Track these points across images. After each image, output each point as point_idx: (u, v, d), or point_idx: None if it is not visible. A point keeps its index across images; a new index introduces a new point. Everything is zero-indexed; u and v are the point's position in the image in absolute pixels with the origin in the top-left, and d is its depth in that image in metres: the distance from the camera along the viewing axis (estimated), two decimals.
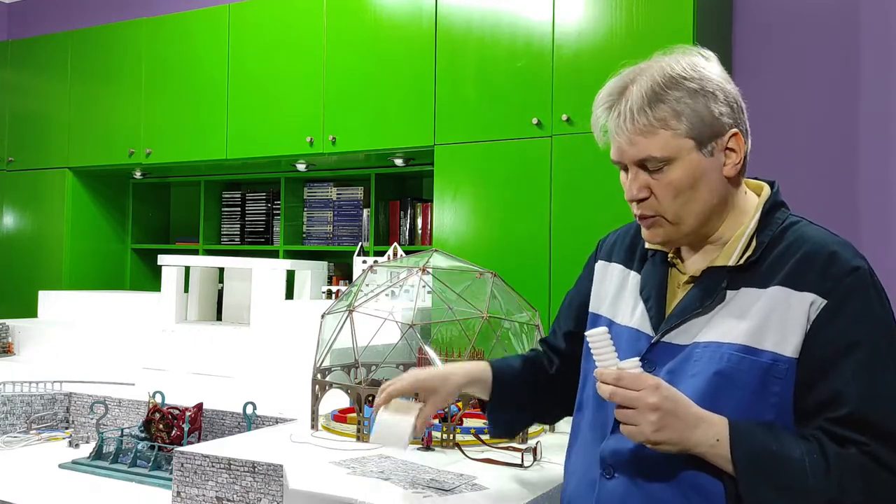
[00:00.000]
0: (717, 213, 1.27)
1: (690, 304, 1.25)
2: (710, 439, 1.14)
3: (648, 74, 1.23)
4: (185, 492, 1.60)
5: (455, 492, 1.47)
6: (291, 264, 3.49)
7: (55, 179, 4.49)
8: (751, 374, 1.17)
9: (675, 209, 1.24)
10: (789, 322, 1.17)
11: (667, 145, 1.21)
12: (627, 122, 1.22)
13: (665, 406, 1.13)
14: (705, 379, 1.19)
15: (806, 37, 3.32)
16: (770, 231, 1.25)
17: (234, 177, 4.45)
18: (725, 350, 1.19)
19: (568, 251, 3.07)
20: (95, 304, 3.62)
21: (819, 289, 1.17)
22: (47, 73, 4.56)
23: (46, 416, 2.42)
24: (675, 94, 1.21)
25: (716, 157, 1.24)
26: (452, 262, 2.18)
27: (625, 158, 1.26)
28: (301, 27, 3.76)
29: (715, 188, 1.25)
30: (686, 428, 1.14)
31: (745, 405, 1.17)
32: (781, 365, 1.17)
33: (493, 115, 3.26)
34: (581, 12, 3.09)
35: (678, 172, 1.22)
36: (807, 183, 3.28)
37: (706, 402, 1.17)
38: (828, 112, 3.27)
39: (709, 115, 1.21)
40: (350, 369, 2.12)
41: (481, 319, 1.95)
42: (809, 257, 1.20)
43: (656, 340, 1.27)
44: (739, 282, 1.23)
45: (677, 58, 1.25)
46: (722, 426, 1.15)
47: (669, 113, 1.20)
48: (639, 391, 1.13)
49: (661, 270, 1.33)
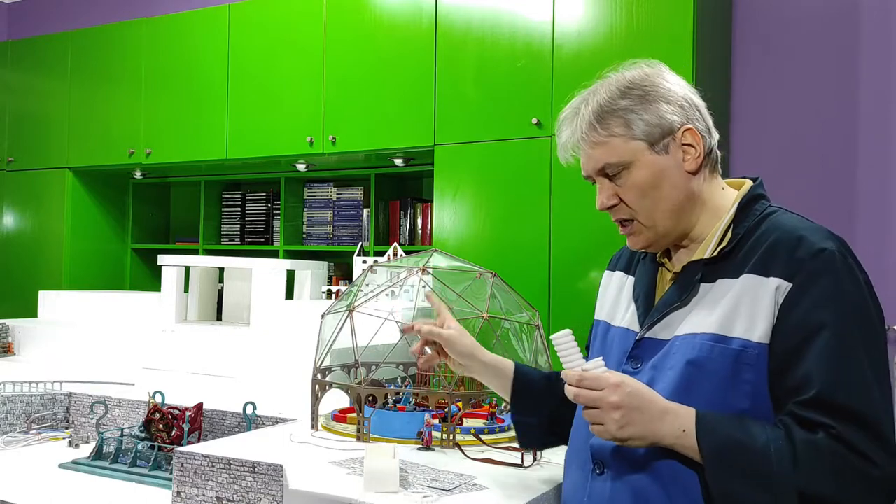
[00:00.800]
0: (688, 209, 1.31)
1: (669, 298, 1.29)
2: (676, 431, 1.16)
3: (596, 93, 1.32)
4: (185, 492, 1.60)
5: (455, 492, 1.47)
6: (291, 264, 3.49)
7: (55, 179, 4.49)
8: (721, 361, 1.20)
9: (645, 210, 1.29)
10: (757, 308, 1.19)
11: (618, 150, 1.28)
12: (581, 140, 1.31)
13: (627, 403, 1.15)
14: (679, 370, 1.23)
15: (806, 37, 3.32)
16: (746, 223, 1.28)
17: (234, 177, 4.45)
18: (699, 340, 1.22)
19: (568, 251, 3.07)
20: (95, 304, 3.62)
21: (784, 273, 1.19)
22: (47, 73, 4.56)
23: (46, 416, 2.42)
24: (621, 104, 1.28)
25: (672, 154, 1.29)
26: (452, 262, 2.18)
27: (588, 171, 1.33)
28: (301, 27, 3.76)
29: (678, 184, 1.29)
30: (651, 421, 1.16)
31: (718, 393, 1.19)
32: (751, 351, 1.19)
33: (493, 114, 3.26)
34: (581, 12, 3.09)
35: (638, 174, 1.28)
36: (806, 182, 3.28)
37: (681, 393, 1.20)
38: (827, 112, 3.27)
39: (655, 117, 1.28)
40: (350, 369, 2.12)
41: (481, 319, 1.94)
42: (778, 243, 1.22)
43: (641, 336, 1.31)
44: (716, 273, 1.26)
45: (623, 73, 1.34)
46: (688, 417, 1.17)
47: (617, 122, 1.28)
48: (601, 391, 1.16)
49: (650, 270, 1.38)
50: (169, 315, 3.30)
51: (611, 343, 1.39)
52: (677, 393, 1.21)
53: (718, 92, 3.31)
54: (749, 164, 3.35)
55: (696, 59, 2.88)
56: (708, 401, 1.19)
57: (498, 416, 2.02)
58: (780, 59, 3.37)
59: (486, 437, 1.87)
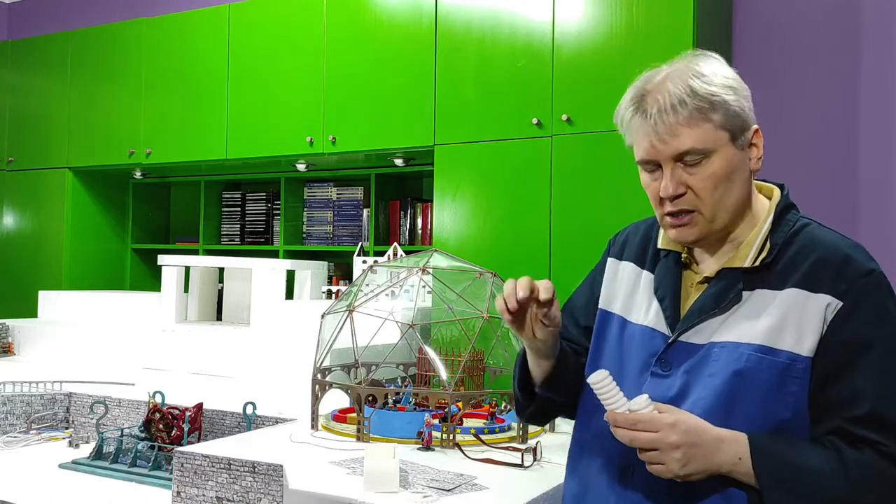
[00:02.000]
0: (742, 209, 1.29)
1: (707, 303, 1.27)
2: (732, 458, 1.18)
3: (680, 73, 1.25)
4: (185, 492, 1.60)
5: (455, 492, 1.47)
6: (291, 264, 3.49)
7: (55, 179, 4.49)
8: (769, 373, 1.20)
9: (714, 202, 1.25)
10: (805, 323, 1.20)
11: (707, 137, 1.23)
12: (669, 115, 1.23)
13: (686, 441, 1.16)
14: (724, 379, 1.22)
15: (806, 36, 3.32)
16: (783, 233, 1.28)
17: (234, 177, 4.45)
18: (744, 350, 1.22)
19: (568, 251, 3.07)
20: (95, 304, 3.63)
21: (834, 291, 1.20)
22: (47, 73, 4.56)
23: (46, 416, 2.42)
24: (710, 89, 1.22)
25: (745, 151, 1.27)
26: (452, 262, 2.19)
27: (661, 155, 1.25)
28: (301, 27, 3.76)
29: (745, 182, 1.28)
30: (710, 454, 1.17)
31: (762, 403, 1.20)
32: (798, 364, 1.20)
33: (493, 114, 3.26)
34: (581, 12, 3.09)
35: (717, 164, 1.23)
36: (807, 183, 3.28)
37: (725, 402, 1.21)
38: (828, 112, 3.27)
39: (741, 110, 1.24)
40: (350, 369, 2.12)
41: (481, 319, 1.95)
42: (824, 260, 1.23)
43: (673, 340, 1.28)
44: (754, 283, 1.26)
45: (699, 60, 1.27)
46: (742, 443, 1.18)
47: (708, 105, 1.22)
48: (658, 432, 1.16)
49: (675, 270, 1.35)
50: (169, 315, 3.30)
51: (630, 341, 1.36)
52: (722, 401, 1.21)
53: None
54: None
55: None
56: (751, 411, 1.20)
57: (498, 416, 2.03)
58: (780, 59, 3.37)
59: (486, 437, 1.87)
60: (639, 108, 1.26)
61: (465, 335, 2.00)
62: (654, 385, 1.28)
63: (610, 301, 1.42)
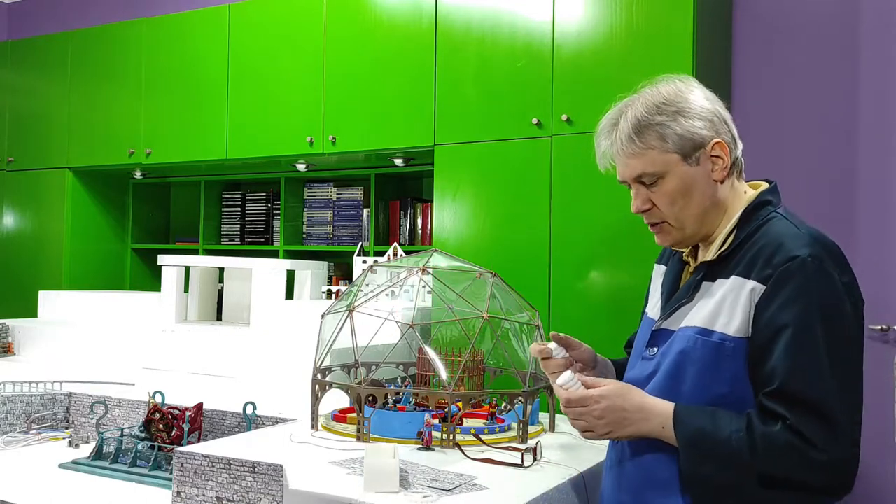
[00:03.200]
0: (713, 214, 1.46)
1: (680, 294, 1.48)
2: (657, 427, 1.38)
3: (634, 107, 1.45)
4: (185, 492, 1.60)
5: (455, 492, 1.47)
6: (291, 264, 3.49)
7: (55, 179, 4.49)
8: (703, 351, 1.38)
9: (675, 214, 1.45)
10: (736, 307, 1.36)
11: (655, 161, 1.43)
12: (620, 149, 1.46)
13: (609, 415, 1.39)
14: (672, 358, 1.43)
15: (806, 37, 3.32)
16: (748, 227, 1.42)
17: (234, 177, 4.45)
18: (689, 333, 1.41)
19: (568, 251, 3.07)
20: (95, 304, 3.62)
21: (760, 277, 1.35)
22: (47, 73, 4.56)
23: (46, 416, 2.42)
24: (657, 119, 1.42)
25: (703, 164, 1.44)
26: (452, 262, 2.19)
27: (625, 177, 1.49)
28: (301, 27, 3.76)
29: (706, 192, 1.45)
30: (635, 422, 1.39)
31: (702, 379, 1.38)
32: (728, 343, 1.36)
33: (493, 115, 3.26)
34: (581, 12, 3.09)
35: (671, 183, 1.44)
36: (807, 182, 3.28)
37: (673, 377, 1.41)
38: (828, 111, 3.27)
39: (688, 132, 1.42)
40: (350, 369, 2.12)
41: (481, 319, 1.94)
42: (763, 248, 1.37)
43: (657, 327, 1.50)
44: (717, 273, 1.43)
45: (658, 88, 1.46)
46: (667, 412, 1.38)
47: (653, 136, 1.42)
48: (585, 406, 1.41)
49: (677, 267, 1.56)
50: (169, 315, 3.30)
51: (642, 329, 1.59)
52: (670, 377, 1.42)
53: (718, 92, 3.29)
54: (749, 164, 3.34)
55: (696, 59, 2.88)
56: (693, 384, 1.39)
57: (498, 416, 2.03)
58: (781, 60, 3.37)
59: (486, 437, 1.87)
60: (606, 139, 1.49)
61: (465, 335, 2.00)
62: (640, 366, 1.52)
63: (647, 301, 1.66)
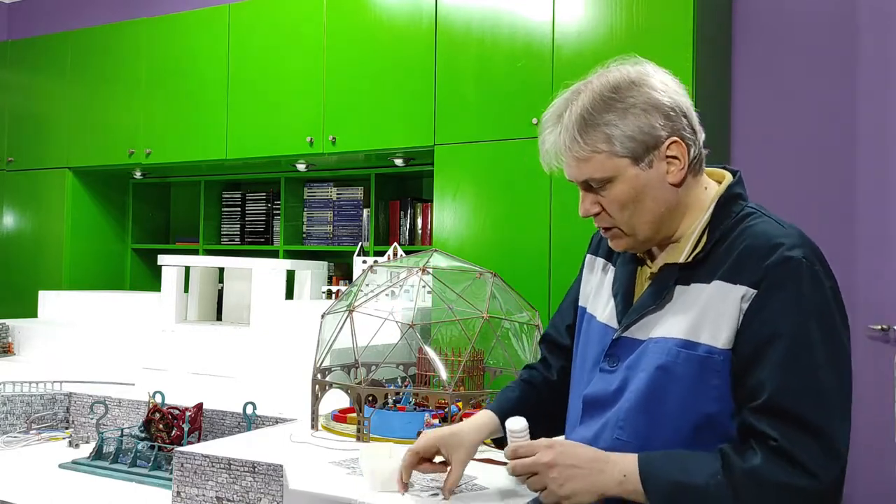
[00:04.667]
0: (669, 218, 1.30)
1: (646, 300, 1.30)
2: (616, 477, 1.19)
3: (580, 98, 1.28)
4: (185, 492, 1.60)
5: (455, 492, 1.47)
6: (291, 264, 3.49)
7: (55, 179, 4.48)
8: (688, 366, 1.21)
9: (625, 221, 1.29)
10: (723, 315, 1.20)
11: (603, 167, 1.27)
12: (564, 150, 1.29)
13: (561, 461, 1.20)
14: (649, 373, 1.25)
15: (806, 36, 3.32)
16: (722, 225, 1.27)
17: (234, 177, 4.45)
18: (669, 345, 1.24)
19: (568, 251, 3.07)
20: (95, 304, 3.62)
21: (751, 281, 1.20)
22: (47, 73, 4.56)
23: (46, 416, 2.42)
24: (605, 118, 1.25)
25: (656, 167, 1.27)
26: (452, 262, 2.18)
27: (572, 178, 1.33)
28: (301, 27, 3.76)
29: (660, 196, 1.28)
30: (590, 474, 1.20)
31: (685, 397, 1.22)
32: (716, 357, 1.20)
33: (493, 115, 3.26)
34: (581, 12, 3.09)
35: (620, 188, 1.27)
36: (806, 182, 3.28)
37: (650, 396, 1.24)
38: (828, 111, 3.27)
39: (640, 132, 1.24)
40: (350, 369, 2.12)
41: (481, 319, 1.94)
42: (749, 250, 1.22)
43: (618, 336, 1.32)
44: (691, 277, 1.26)
45: (608, 76, 1.29)
46: (629, 462, 1.19)
47: (599, 137, 1.25)
48: (534, 454, 1.22)
49: (630, 267, 1.38)
50: (169, 315, 3.30)
51: (591, 336, 1.41)
52: (649, 395, 1.24)
53: (718, 92, 3.31)
54: (749, 164, 3.34)
55: (696, 59, 2.88)
56: (678, 404, 1.22)
57: None
58: (780, 59, 3.37)
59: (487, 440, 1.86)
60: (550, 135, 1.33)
61: (465, 335, 2.00)
62: (600, 380, 1.33)
63: (585, 297, 1.48)
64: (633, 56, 1.33)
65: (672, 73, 1.34)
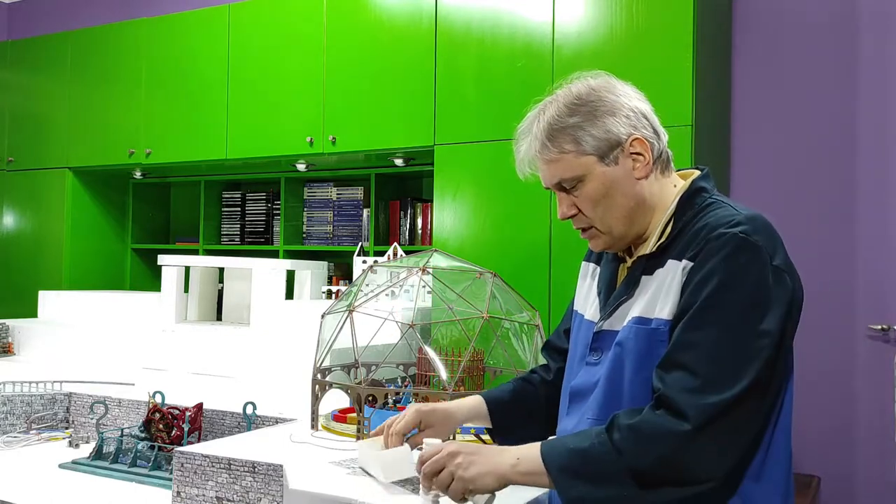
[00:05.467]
0: (640, 213, 1.38)
1: (620, 292, 1.39)
2: (511, 460, 1.25)
3: (547, 111, 1.39)
4: (185, 492, 1.60)
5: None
6: (291, 264, 3.49)
7: (55, 179, 4.49)
8: (639, 340, 1.30)
9: (599, 217, 1.38)
10: (670, 289, 1.29)
11: (571, 166, 1.36)
12: (535, 157, 1.40)
13: (464, 449, 1.27)
14: (612, 352, 1.34)
15: (806, 36, 3.32)
16: (684, 216, 1.35)
17: (234, 177, 4.45)
18: (626, 324, 1.33)
19: (568, 251, 3.07)
20: (95, 304, 3.62)
21: (690, 255, 1.28)
22: (47, 73, 4.56)
23: (46, 416, 2.42)
24: (570, 122, 1.35)
25: (622, 163, 1.36)
26: (452, 262, 2.18)
27: (547, 184, 1.42)
28: (301, 28, 3.76)
29: (629, 191, 1.37)
30: (491, 456, 1.26)
31: (640, 369, 1.29)
32: (663, 328, 1.28)
33: (493, 115, 3.26)
34: (581, 12, 3.09)
35: (590, 186, 1.36)
36: (806, 182, 3.28)
37: (612, 374, 1.32)
38: (828, 111, 3.27)
39: (603, 131, 1.34)
40: (350, 369, 2.12)
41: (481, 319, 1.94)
42: (698, 230, 1.30)
43: (599, 328, 1.40)
44: (655, 265, 1.34)
45: (570, 88, 1.40)
46: (527, 448, 1.26)
47: (566, 139, 1.36)
48: (439, 452, 1.28)
49: (612, 265, 1.47)
50: (169, 315, 3.30)
51: (579, 334, 1.48)
52: (610, 375, 1.33)
53: (718, 92, 3.31)
54: (749, 165, 3.35)
55: (696, 59, 2.88)
56: (632, 377, 1.29)
57: None
58: (780, 60, 3.37)
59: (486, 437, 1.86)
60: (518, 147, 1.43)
61: (465, 335, 2.00)
62: (585, 372, 1.41)
63: (578, 301, 1.56)
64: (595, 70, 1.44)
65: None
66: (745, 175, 3.35)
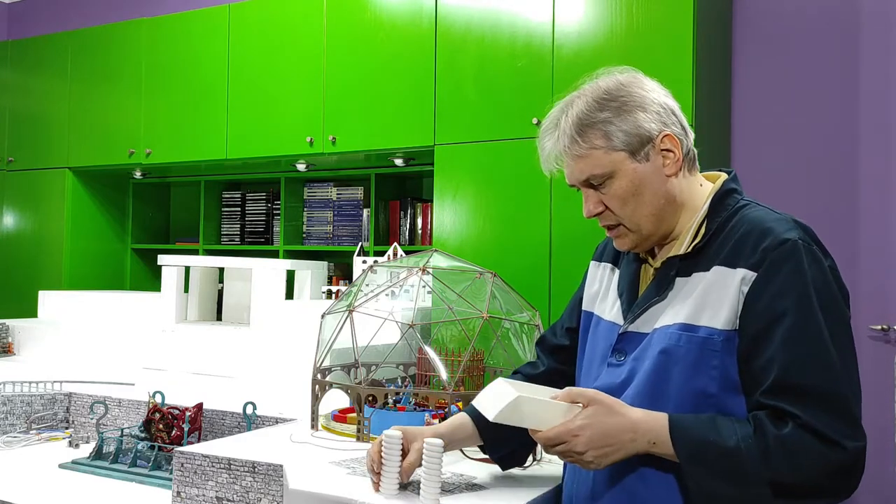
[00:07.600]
0: (670, 211, 1.35)
1: (649, 293, 1.35)
2: (646, 445, 1.22)
3: (575, 105, 1.36)
4: (185, 492, 1.60)
5: (455, 492, 1.47)
6: (291, 264, 3.49)
7: (55, 179, 4.49)
8: (688, 348, 1.26)
9: (628, 215, 1.34)
10: (723, 298, 1.25)
11: (602, 162, 1.33)
12: (563, 152, 1.36)
13: (593, 444, 1.21)
14: (653, 358, 1.29)
15: (806, 36, 3.32)
16: (719, 217, 1.33)
17: (234, 177, 4.45)
18: (671, 330, 1.28)
19: (568, 251, 3.07)
20: (95, 304, 3.62)
21: (750, 263, 1.24)
22: (47, 73, 4.56)
23: (46, 416, 2.42)
24: (600, 117, 1.32)
25: (652, 160, 1.33)
26: (452, 262, 2.18)
27: (573, 181, 1.39)
28: (301, 27, 3.76)
29: (659, 189, 1.34)
30: (623, 446, 1.22)
31: (686, 378, 1.25)
32: (716, 338, 1.24)
33: (493, 115, 3.26)
34: (581, 12, 3.09)
35: (620, 182, 1.33)
36: (807, 182, 3.28)
37: (654, 380, 1.28)
38: (828, 111, 3.27)
39: (634, 127, 1.31)
40: (350, 369, 2.12)
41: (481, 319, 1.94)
42: (746, 235, 1.27)
43: (624, 330, 1.36)
44: (691, 268, 1.31)
45: (598, 83, 1.37)
46: (657, 426, 1.22)
47: (597, 134, 1.32)
48: (565, 442, 1.23)
49: (633, 266, 1.43)
50: (169, 315, 3.30)
51: (598, 336, 1.44)
52: (652, 379, 1.28)
53: (718, 92, 3.31)
54: (749, 164, 3.35)
55: (696, 59, 2.88)
56: (679, 386, 1.26)
57: None
58: (780, 59, 3.37)
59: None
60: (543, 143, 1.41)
61: (465, 335, 2.00)
62: (608, 374, 1.36)
63: (589, 302, 1.52)
64: (622, 66, 1.41)
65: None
66: (745, 175, 3.33)
